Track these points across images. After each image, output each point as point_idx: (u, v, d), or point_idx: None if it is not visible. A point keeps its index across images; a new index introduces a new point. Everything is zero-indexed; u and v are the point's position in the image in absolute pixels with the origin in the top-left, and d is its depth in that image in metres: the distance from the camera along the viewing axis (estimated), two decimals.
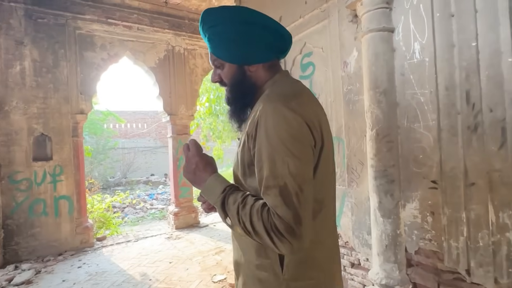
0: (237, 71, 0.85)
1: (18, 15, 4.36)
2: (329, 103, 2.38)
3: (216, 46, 0.85)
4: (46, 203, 4.49)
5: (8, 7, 4.29)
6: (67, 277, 3.71)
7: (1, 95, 4.24)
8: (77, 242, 4.70)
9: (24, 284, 3.54)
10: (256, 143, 0.73)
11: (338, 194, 2.25)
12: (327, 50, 2.35)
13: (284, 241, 0.67)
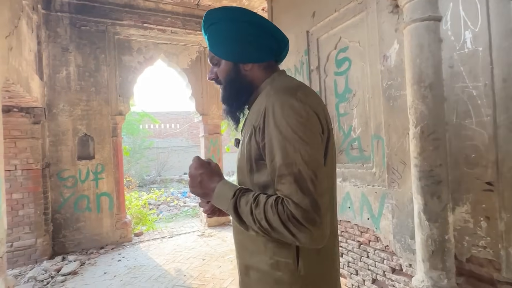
0: (232, 69, 0.87)
1: (64, 23, 4.68)
2: (366, 100, 2.27)
3: (214, 43, 0.88)
4: (89, 199, 4.78)
5: (55, 17, 4.61)
6: (108, 269, 3.92)
7: (50, 98, 4.57)
8: (117, 237, 4.96)
9: (70, 274, 3.79)
10: (266, 135, 0.73)
11: (377, 194, 2.14)
12: (365, 44, 2.24)
13: (303, 229, 0.66)
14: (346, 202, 2.41)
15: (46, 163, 4.45)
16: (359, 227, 2.30)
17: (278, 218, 0.67)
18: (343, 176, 2.47)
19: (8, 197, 4.10)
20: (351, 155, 2.43)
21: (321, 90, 2.69)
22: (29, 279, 3.68)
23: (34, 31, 4.27)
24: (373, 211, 2.17)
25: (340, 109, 2.52)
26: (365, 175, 2.28)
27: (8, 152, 4.10)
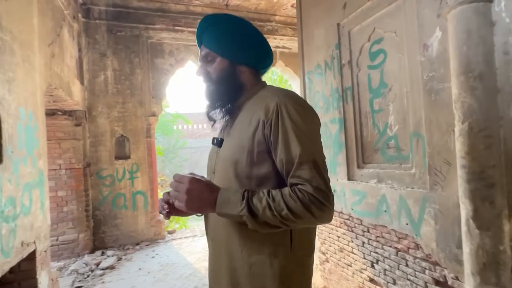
0: (228, 66, 0.92)
1: (102, 30, 4.93)
2: (404, 94, 2.08)
3: (213, 41, 0.93)
4: (126, 197, 5.00)
5: (94, 24, 4.88)
6: (142, 265, 4.06)
7: (90, 102, 4.85)
8: (151, 234, 5.13)
9: (108, 268, 3.98)
10: (280, 129, 0.80)
11: (417, 198, 1.94)
12: (402, 33, 2.05)
13: (324, 208, 0.75)
14: (381, 205, 2.23)
15: (87, 162, 4.73)
16: (397, 232, 2.12)
17: (300, 204, 0.74)
18: (378, 177, 2.30)
19: (54, 194, 4.41)
20: (388, 155, 2.25)
21: (353, 85, 2.53)
22: (71, 271, 3.92)
23: (75, 39, 4.55)
24: (413, 216, 1.98)
25: (375, 105, 2.34)
26: (403, 176, 2.09)
27: (53, 153, 4.40)
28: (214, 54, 0.93)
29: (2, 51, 2.14)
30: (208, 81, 0.95)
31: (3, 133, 2.11)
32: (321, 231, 3.05)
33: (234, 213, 0.77)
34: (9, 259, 2.08)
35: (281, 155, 0.79)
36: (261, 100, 0.87)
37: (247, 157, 0.83)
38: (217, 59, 0.93)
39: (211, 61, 0.94)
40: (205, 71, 0.95)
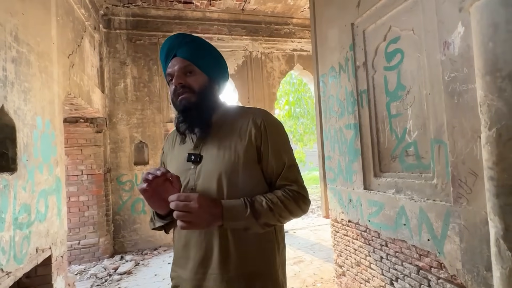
0: (207, 82, 0.97)
1: (122, 39, 5.08)
2: (423, 97, 1.90)
3: (194, 54, 0.96)
4: (144, 202, 5.07)
5: (114, 34, 5.04)
6: (158, 271, 4.07)
7: (110, 109, 4.99)
8: (169, 239, 5.16)
9: (125, 274, 4.03)
10: (269, 141, 0.94)
11: (440, 211, 1.75)
12: (420, 31, 1.88)
13: (307, 202, 0.95)
14: (400, 218, 2.05)
15: (107, 168, 4.86)
16: (418, 249, 1.93)
17: (293, 202, 0.91)
18: (397, 187, 2.11)
19: (76, 199, 4.57)
20: (406, 163, 2.07)
21: (369, 88, 2.37)
22: (90, 275, 4.01)
23: (96, 49, 4.71)
24: (435, 231, 1.79)
25: (392, 109, 2.17)
26: (423, 187, 1.90)
27: (75, 159, 4.57)
28: (195, 67, 0.96)
29: (18, 62, 2.22)
30: (189, 92, 0.94)
31: (17, 142, 2.17)
32: (337, 243, 2.88)
33: (240, 221, 0.85)
34: (22, 265, 2.13)
35: (271, 162, 0.94)
36: (236, 116, 0.99)
37: (242, 167, 0.91)
38: (197, 73, 0.96)
39: (192, 73, 0.96)
40: (184, 82, 0.95)
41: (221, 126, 0.98)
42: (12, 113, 2.12)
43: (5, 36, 2.07)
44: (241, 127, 0.95)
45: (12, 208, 2.04)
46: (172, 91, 0.97)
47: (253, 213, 0.84)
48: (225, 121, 0.99)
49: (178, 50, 0.96)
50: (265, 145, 0.94)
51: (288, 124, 8.78)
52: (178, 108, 0.97)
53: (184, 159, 0.97)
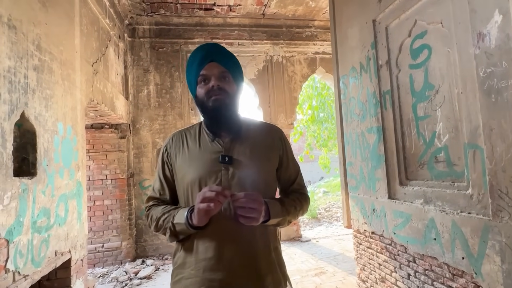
0: (236, 91, 1.09)
1: (145, 48, 5.22)
2: (455, 96, 1.70)
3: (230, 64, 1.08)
4: None
5: (138, 43, 5.19)
6: None
7: (134, 115, 5.12)
8: None
9: (145, 278, 4.05)
10: (288, 153, 1.16)
11: (476, 226, 1.54)
12: (449, 23, 1.69)
13: (309, 200, 1.18)
14: (430, 231, 1.84)
15: (130, 173, 4.96)
16: (450, 267, 1.71)
17: (305, 204, 1.14)
18: (425, 197, 1.90)
19: (100, 203, 4.70)
20: (436, 170, 1.86)
21: (393, 89, 2.19)
22: (112, 279, 4.07)
23: (121, 57, 4.87)
24: (471, 249, 1.57)
25: (419, 110, 1.97)
26: (456, 198, 1.69)
27: (100, 164, 4.71)
28: (230, 75, 1.06)
29: (40, 70, 2.29)
30: (223, 93, 1.03)
31: (38, 147, 2.23)
32: (360, 256, 2.67)
33: (278, 218, 1.00)
34: (39, 268, 2.16)
35: (291, 170, 1.16)
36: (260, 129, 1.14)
37: (271, 171, 1.10)
38: (230, 80, 1.06)
39: (226, 79, 1.05)
40: (221, 85, 1.03)
41: (248, 135, 1.09)
42: (33, 119, 2.18)
43: (27, 45, 2.15)
44: (269, 140, 1.12)
45: (31, 212, 2.09)
46: (205, 90, 1.03)
47: (286, 211, 1.03)
48: (250, 131, 1.11)
49: (216, 57, 1.05)
50: (285, 156, 1.14)
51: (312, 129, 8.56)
52: (209, 107, 1.02)
53: (212, 160, 1.02)
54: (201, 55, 1.04)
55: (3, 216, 1.77)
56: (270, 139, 1.12)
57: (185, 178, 1.04)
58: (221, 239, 0.96)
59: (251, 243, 0.99)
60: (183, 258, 1.02)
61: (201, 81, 1.04)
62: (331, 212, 8.09)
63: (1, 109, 1.82)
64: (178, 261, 1.03)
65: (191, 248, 0.99)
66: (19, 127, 2.12)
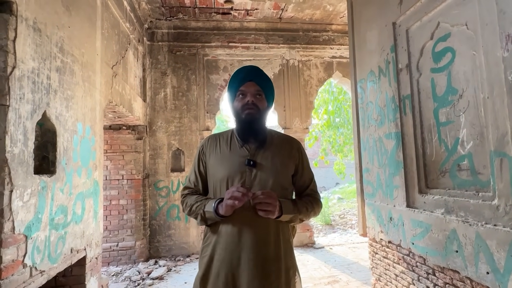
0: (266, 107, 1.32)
1: (163, 51, 5.32)
2: (480, 101, 1.62)
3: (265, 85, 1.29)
4: (179, 209, 5.15)
5: (157, 46, 5.30)
6: (188, 280, 4.05)
7: (151, 117, 5.21)
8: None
9: (157, 279, 4.08)
10: (304, 162, 1.36)
11: (503, 239, 1.44)
12: (475, 25, 1.61)
13: (321, 204, 1.37)
14: (451, 243, 1.74)
15: (146, 174, 5.04)
16: (474, 282, 1.61)
17: (318, 206, 1.33)
18: (447, 207, 1.81)
19: (116, 202, 4.78)
20: (459, 179, 1.77)
21: (413, 93, 2.11)
22: (125, 278, 4.12)
23: (140, 60, 4.98)
24: (497, 263, 1.47)
25: (441, 116, 1.89)
26: (481, 208, 1.59)
27: (117, 164, 4.81)
28: (263, 93, 1.28)
29: (62, 72, 2.37)
30: (255, 109, 1.25)
31: (58, 146, 2.29)
32: (375, 265, 2.58)
33: (289, 214, 1.20)
34: (55, 265, 2.21)
35: (305, 177, 1.34)
36: (281, 140, 1.36)
37: (287, 176, 1.29)
38: (263, 98, 1.28)
39: (260, 96, 1.27)
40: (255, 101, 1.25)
41: (271, 144, 1.31)
42: (54, 119, 2.24)
43: (51, 47, 2.22)
44: (288, 150, 1.33)
45: (49, 209, 2.14)
46: (242, 103, 1.27)
47: (297, 210, 1.22)
48: (273, 141, 1.32)
49: (254, 77, 1.28)
50: (300, 165, 1.34)
51: (327, 134, 8.44)
52: (242, 119, 1.27)
53: (239, 162, 1.25)
54: (243, 74, 1.28)
55: (22, 212, 1.82)
56: (289, 149, 1.33)
57: (216, 174, 1.28)
58: (241, 225, 1.19)
59: (265, 231, 1.20)
60: (210, 239, 1.25)
61: (239, 95, 1.28)
62: (346, 219, 7.92)
63: (24, 108, 1.88)
64: (207, 242, 1.27)
65: (218, 232, 1.22)
66: (41, 126, 2.19)
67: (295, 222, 1.26)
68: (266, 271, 1.17)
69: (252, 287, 1.15)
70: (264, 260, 1.17)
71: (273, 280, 1.17)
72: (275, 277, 1.18)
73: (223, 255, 1.19)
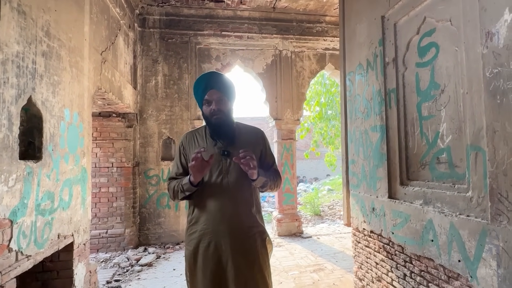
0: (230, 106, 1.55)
1: (155, 38, 5.24)
2: (460, 97, 1.66)
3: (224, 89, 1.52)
4: (169, 197, 5.18)
5: (148, 33, 5.21)
6: (177, 266, 4.11)
7: (141, 105, 5.17)
8: None
9: (146, 266, 4.13)
10: (267, 147, 1.64)
11: (474, 229, 1.51)
12: (459, 21, 1.65)
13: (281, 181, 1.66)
14: (427, 232, 1.82)
15: (136, 162, 5.03)
16: (446, 270, 1.69)
17: (279, 178, 1.62)
18: (425, 198, 1.88)
19: (106, 190, 4.78)
20: (437, 171, 1.83)
21: (398, 87, 2.15)
22: (114, 264, 4.16)
23: (131, 46, 4.90)
24: (467, 252, 1.55)
25: (423, 110, 1.94)
26: (456, 200, 1.66)
27: (107, 152, 4.79)
28: (225, 98, 1.51)
29: (48, 56, 2.33)
30: (220, 114, 1.49)
31: (44, 132, 2.28)
32: (358, 254, 2.67)
33: (263, 177, 1.46)
34: (42, 250, 2.22)
35: (268, 159, 1.62)
36: (248, 131, 1.63)
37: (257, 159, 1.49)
38: (225, 101, 1.51)
39: (222, 101, 1.50)
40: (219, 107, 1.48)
41: (240, 136, 1.56)
42: (40, 104, 2.22)
43: (36, 31, 2.18)
44: (254, 138, 1.60)
45: (35, 194, 2.14)
46: (209, 111, 1.50)
47: (267, 176, 1.50)
48: (241, 133, 1.58)
49: (214, 85, 1.49)
50: (264, 150, 1.62)
51: (319, 126, 8.50)
52: (212, 123, 1.50)
53: (216, 153, 1.47)
54: (204, 84, 1.50)
55: (7, 197, 1.82)
56: (255, 138, 1.60)
57: None
58: (223, 204, 1.44)
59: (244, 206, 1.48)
60: (196, 218, 1.48)
61: (205, 103, 1.51)
62: (335, 210, 8.07)
63: (9, 93, 1.86)
64: (193, 220, 1.50)
65: (203, 210, 1.46)
66: (26, 111, 2.16)
67: (265, 188, 1.51)
68: (246, 235, 1.44)
69: (235, 249, 1.39)
70: (243, 227, 1.44)
71: (252, 242, 1.44)
72: (253, 240, 1.45)
73: (210, 228, 1.43)
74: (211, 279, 1.38)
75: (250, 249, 1.43)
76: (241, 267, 1.39)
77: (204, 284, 1.38)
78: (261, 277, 1.43)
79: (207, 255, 1.40)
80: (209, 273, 1.39)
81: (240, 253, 1.40)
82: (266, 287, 1.45)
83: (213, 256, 1.40)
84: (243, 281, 1.38)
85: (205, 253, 1.41)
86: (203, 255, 1.41)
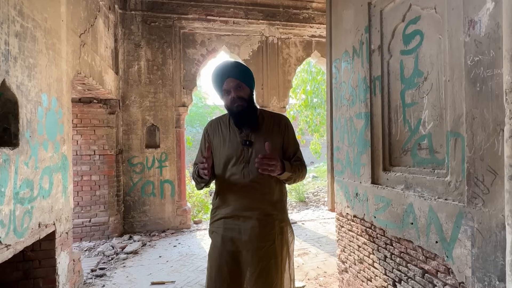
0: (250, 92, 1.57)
1: (137, 21, 5.04)
2: (442, 84, 1.70)
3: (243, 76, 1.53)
4: (154, 185, 5.13)
5: (130, 15, 5.01)
6: (163, 253, 4.12)
7: (124, 91, 5.02)
8: (177, 222, 5.22)
9: (132, 253, 4.11)
10: (290, 135, 1.62)
11: (451, 212, 1.58)
12: (443, 9, 1.66)
13: (306, 171, 1.64)
14: (408, 216, 1.89)
15: (119, 149, 4.92)
16: (424, 250, 1.77)
17: (304, 169, 1.60)
18: (406, 183, 1.94)
19: (88, 178, 4.67)
20: (418, 157, 1.89)
21: (383, 74, 2.17)
22: (98, 252, 4.12)
23: (111, 29, 4.70)
24: (444, 233, 1.62)
25: (406, 97, 1.97)
26: (435, 184, 1.72)
27: (88, 139, 4.65)
28: (243, 84, 1.51)
29: (22, 38, 2.20)
30: (241, 101, 1.49)
31: (20, 117, 2.17)
32: (341, 238, 2.75)
33: (289, 172, 1.47)
34: (22, 239, 2.16)
35: (291, 148, 1.60)
36: (271, 119, 1.61)
37: (277, 149, 1.55)
38: (244, 87, 1.52)
39: (241, 88, 1.50)
40: (239, 94, 1.49)
41: (262, 124, 1.57)
42: (15, 88, 2.11)
43: (8, 9, 2.04)
44: (277, 126, 1.59)
45: (12, 182, 2.06)
46: (229, 100, 1.50)
47: (293, 169, 1.50)
48: (264, 121, 1.58)
49: (230, 73, 1.49)
50: (286, 138, 1.60)
51: (304, 114, 8.54)
52: (234, 111, 1.51)
53: (237, 142, 1.53)
54: (220, 75, 1.50)
55: None
56: (278, 125, 1.58)
57: (219, 153, 1.56)
58: (243, 192, 1.51)
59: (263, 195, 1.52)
60: (218, 204, 1.57)
61: (224, 94, 1.52)
62: (319, 197, 8.24)
63: None
64: (215, 205, 1.59)
65: (225, 198, 1.55)
66: (0, 96, 2.06)
67: (290, 181, 1.54)
68: (264, 222, 1.49)
69: (252, 235, 1.47)
70: (261, 214, 1.50)
71: (269, 229, 1.50)
72: (271, 227, 1.50)
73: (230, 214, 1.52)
74: (226, 259, 1.48)
75: (267, 235, 1.48)
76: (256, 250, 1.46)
77: (219, 262, 1.48)
78: (274, 263, 1.47)
79: (226, 237, 1.50)
80: (226, 253, 1.49)
81: (257, 238, 1.47)
82: (276, 273, 1.47)
83: (231, 239, 1.49)
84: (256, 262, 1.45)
85: (224, 234, 1.51)
86: (222, 235, 1.51)
